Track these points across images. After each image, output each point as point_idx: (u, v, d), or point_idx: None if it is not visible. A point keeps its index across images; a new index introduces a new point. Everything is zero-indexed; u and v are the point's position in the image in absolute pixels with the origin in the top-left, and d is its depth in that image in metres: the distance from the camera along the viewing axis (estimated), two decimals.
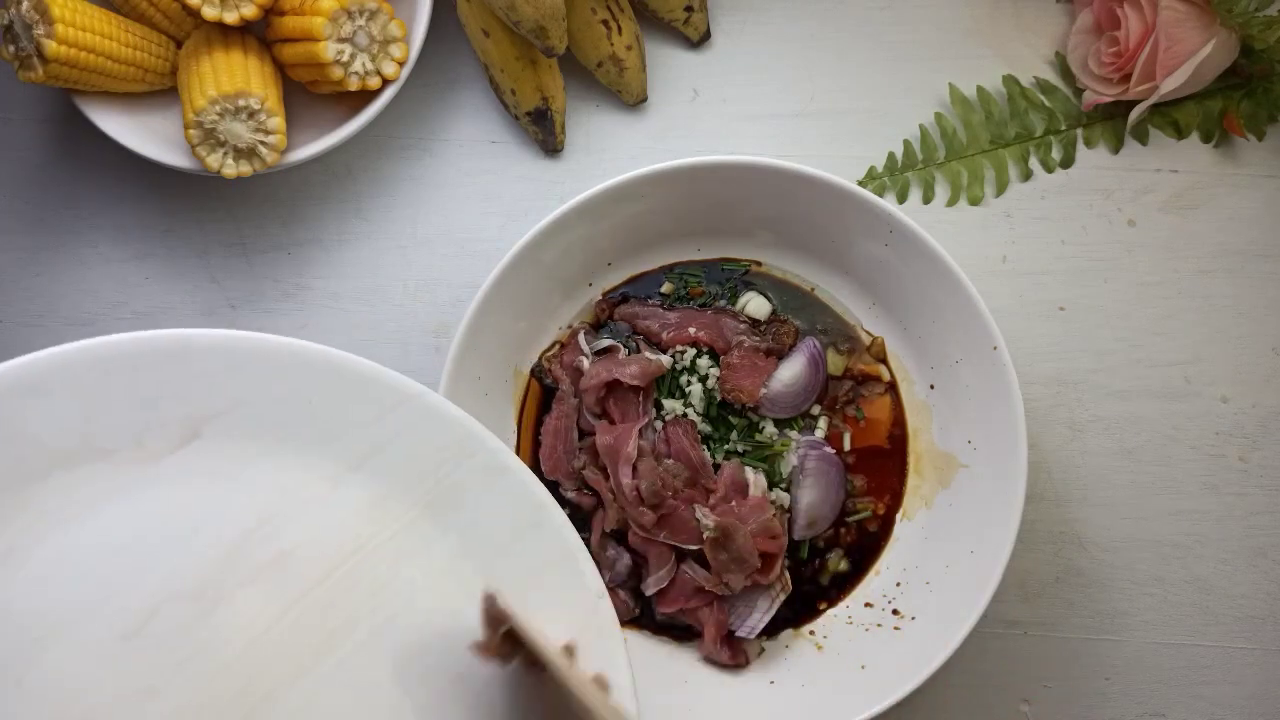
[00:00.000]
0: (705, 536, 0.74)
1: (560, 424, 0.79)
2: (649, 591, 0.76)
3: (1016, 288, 0.85)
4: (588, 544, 0.78)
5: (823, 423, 0.79)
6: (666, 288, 0.82)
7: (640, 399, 0.77)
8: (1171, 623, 0.81)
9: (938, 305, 0.76)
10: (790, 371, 0.79)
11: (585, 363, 0.79)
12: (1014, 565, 0.80)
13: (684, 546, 0.75)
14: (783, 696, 0.75)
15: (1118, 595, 0.82)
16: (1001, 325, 0.83)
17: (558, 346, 0.81)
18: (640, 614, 0.78)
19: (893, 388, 0.80)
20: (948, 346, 0.77)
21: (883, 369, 0.80)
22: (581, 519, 0.79)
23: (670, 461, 0.76)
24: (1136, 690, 0.81)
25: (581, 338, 0.80)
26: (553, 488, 0.79)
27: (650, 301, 0.81)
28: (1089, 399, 0.83)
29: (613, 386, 0.77)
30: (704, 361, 0.79)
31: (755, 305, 0.81)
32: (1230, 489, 0.82)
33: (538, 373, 0.80)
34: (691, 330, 0.79)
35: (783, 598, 0.76)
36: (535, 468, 0.80)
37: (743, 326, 0.80)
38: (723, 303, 0.81)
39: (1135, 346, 0.84)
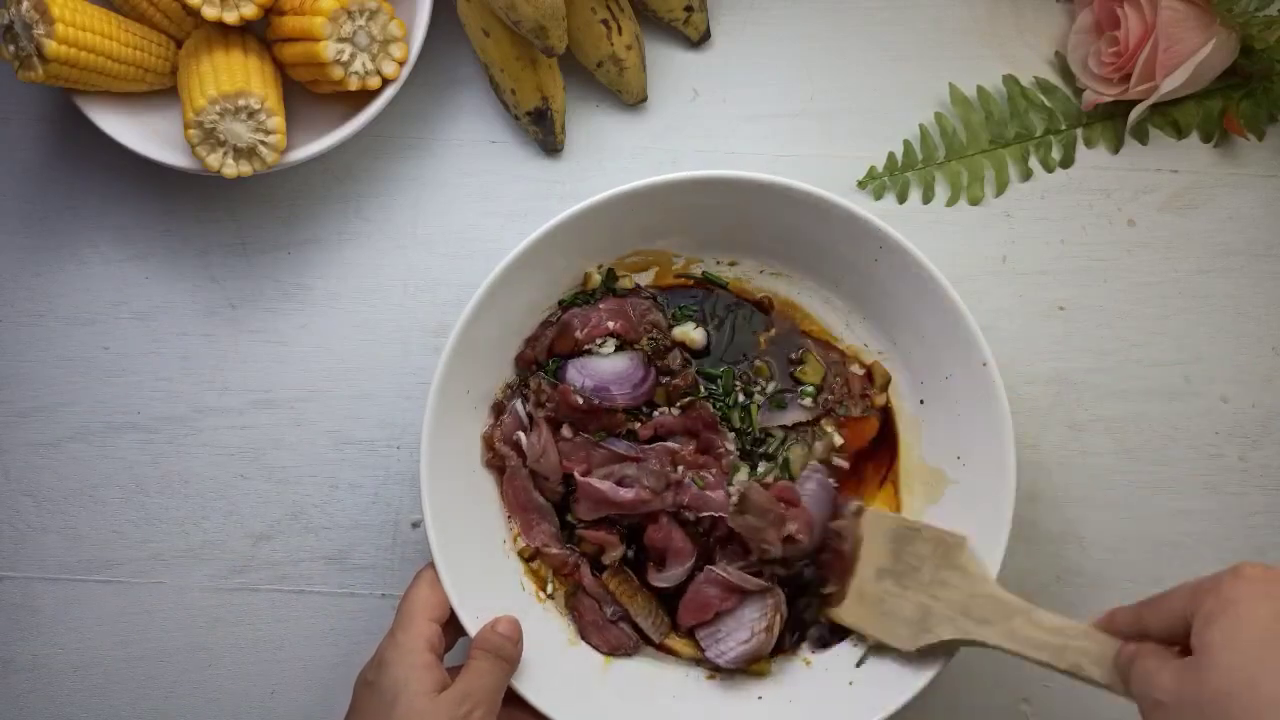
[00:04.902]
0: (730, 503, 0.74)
1: (521, 498, 0.78)
2: (660, 583, 0.76)
3: (1016, 288, 0.84)
4: (583, 588, 0.77)
5: (836, 436, 0.79)
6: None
7: (587, 435, 0.77)
8: None
9: (927, 320, 0.76)
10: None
11: (523, 439, 0.77)
12: (1014, 565, 0.80)
13: (705, 517, 0.75)
14: (771, 712, 0.75)
15: (1118, 595, 0.81)
16: (1001, 325, 0.83)
17: (495, 418, 0.79)
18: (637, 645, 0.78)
19: (886, 413, 0.80)
20: (937, 361, 0.76)
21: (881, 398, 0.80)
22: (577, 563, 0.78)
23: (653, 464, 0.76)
24: None
25: (519, 406, 0.78)
26: (538, 551, 0.78)
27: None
28: (1089, 399, 0.83)
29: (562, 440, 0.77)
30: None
31: (695, 334, 0.80)
32: (1230, 489, 0.82)
33: (487, 463, 0.78)
34: (612, 324, 0.78)
35: (765, 638, 0.75)
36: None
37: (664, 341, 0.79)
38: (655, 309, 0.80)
39: (1135, 346, 0.84)
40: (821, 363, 0.80)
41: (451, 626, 0.71)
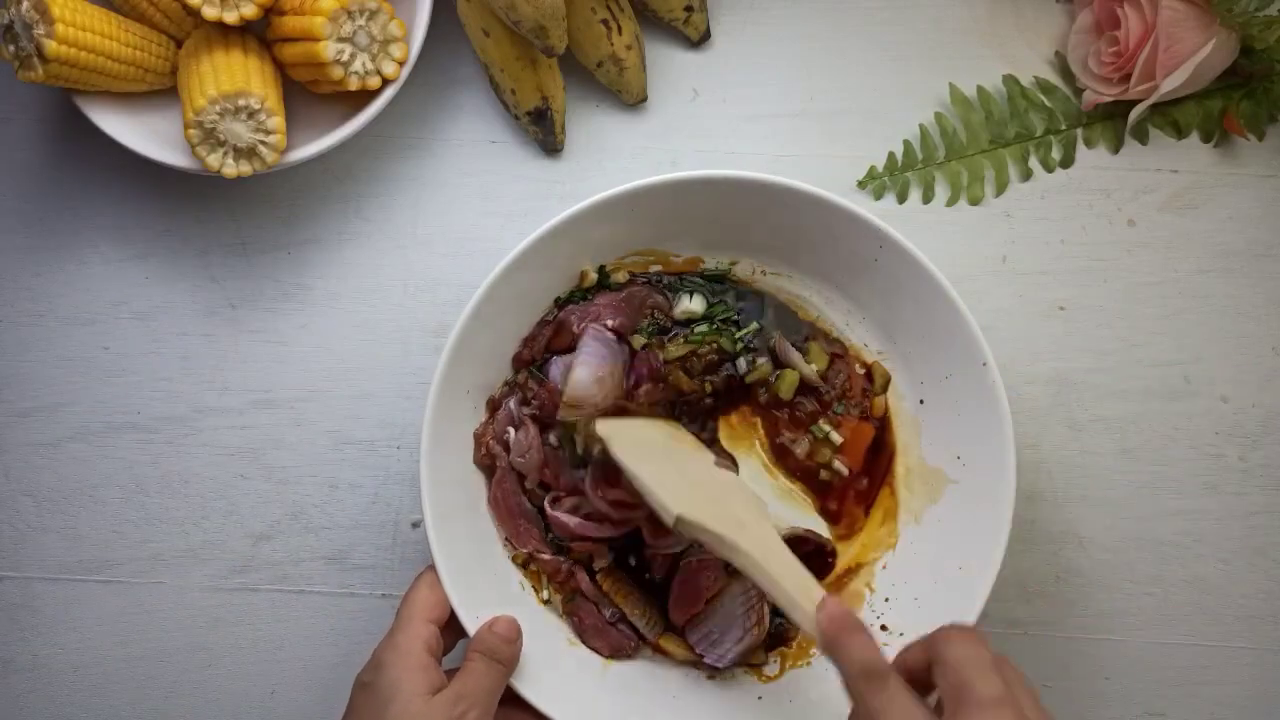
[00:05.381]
0: None
1: (511, 500, 0.78)
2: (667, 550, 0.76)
3: (1016, 288, 0.84)
4: (581, 592, 0.77)
5: (835, 434, 0.79)
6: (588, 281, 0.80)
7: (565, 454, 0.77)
8: (1171, 623, 0.81)
9: (927, 320, 0.76)
10: None
11: (512, 435, 0.77)
12: (1014, 565, 0.80)
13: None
14: (771, 712, 0.75)
15: (1118, 595, 0.82)
16: (1001, 325, 0.83)
17: (490, 415, 0.79)
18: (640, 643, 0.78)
19: (883, 421, 0.80)
20: (937, 361, 0.77)
21: (880, 402, 0.80)
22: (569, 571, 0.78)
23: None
24: (1136, 690, 0.81)
25: (512, 405, 0.78)
26: (529, 557, 0.78)
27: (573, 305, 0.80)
28: (1089, 399, 0.83)
29: (548, 458, 0.77)
30: None
31: (694, 303, 0.80)
32: (1230, 489, 0.82)
33: (478, 461, 0.78)
34: (612, 320, 0.78)
35: (756, 632, 0.75)
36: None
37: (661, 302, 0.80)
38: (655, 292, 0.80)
39: (1135, 346, 0.84)
40: (826, 352, 0.80)
41: (451, 628, 0.71)
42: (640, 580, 0.78)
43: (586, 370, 0.75)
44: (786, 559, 0.66)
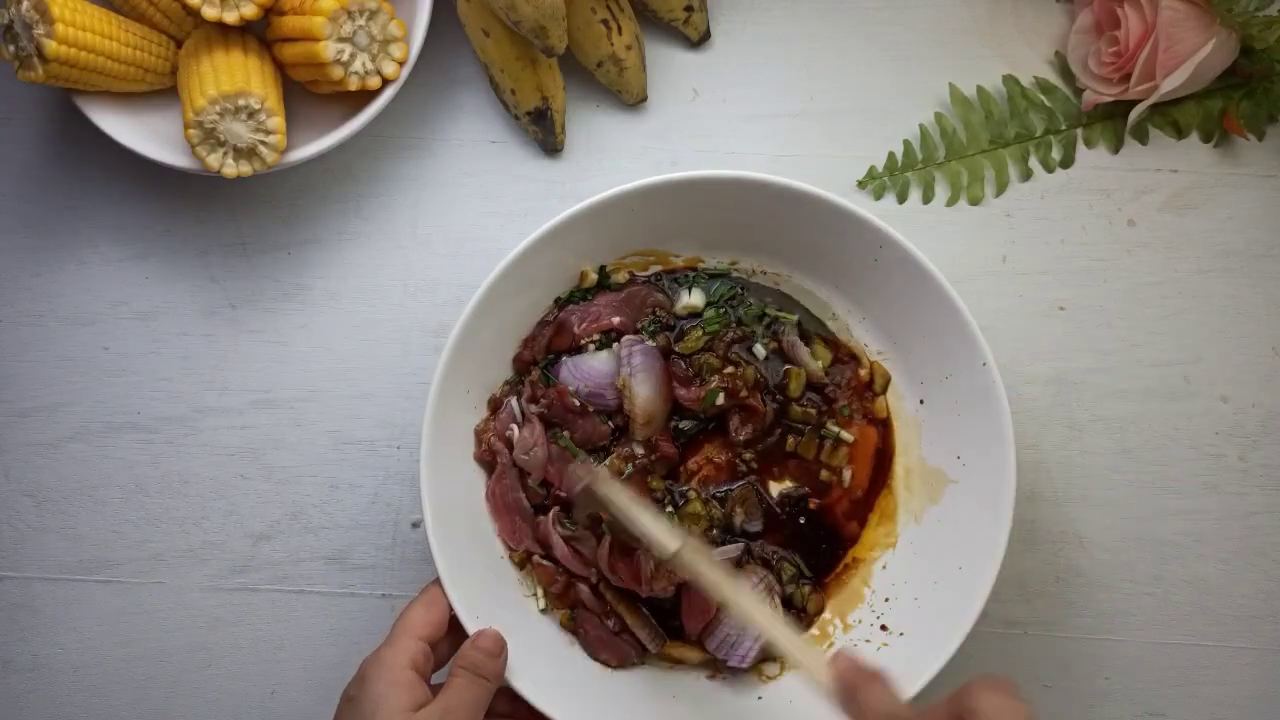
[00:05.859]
0: None
1: (509, 496, 0.77)
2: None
3: (1016, 288, 0.84)
4: (583, 604, 0.77)
5: (845, 433, 0.79)
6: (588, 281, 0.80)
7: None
8: (1171, 623, 0.81)
9: (927, 320, 0.76)
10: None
11: (515, 432, 0.77)
12: (1014, 565, 0.80)
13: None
14: (771, 712, 0.75)
15: (1118, 595, 0.82)
16: (1001, 325, 0.83)
17: (491, 413, 0.79)
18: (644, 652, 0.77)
19: (884, 425, 0.80)
20: (938, 361, 0.76)
21: (881, 404, 0.80)
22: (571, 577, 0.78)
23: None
24: (1136, 690, 0.81)
25: (514, 403, 0.78)
26: (526, 555, 0.78)
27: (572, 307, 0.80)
28: (1089, 399, 0.83)
29: (554, 454, 0.77)
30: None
31: (694, 297, 0.80)
32: (1230, 489, 0.82)
33: (478, 457, 0.78)
34: (614, 319, 0.78)
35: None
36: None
37: (662, 307, 0.80)
38: (657, 292, 0.80)
39: (1135, 346, 0.84)
40: (829, 350, 0.80)
41: (445, 644, 0.71)
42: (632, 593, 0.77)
43: (647, 386, 0.76)
44: (780, 617, 0.68)
